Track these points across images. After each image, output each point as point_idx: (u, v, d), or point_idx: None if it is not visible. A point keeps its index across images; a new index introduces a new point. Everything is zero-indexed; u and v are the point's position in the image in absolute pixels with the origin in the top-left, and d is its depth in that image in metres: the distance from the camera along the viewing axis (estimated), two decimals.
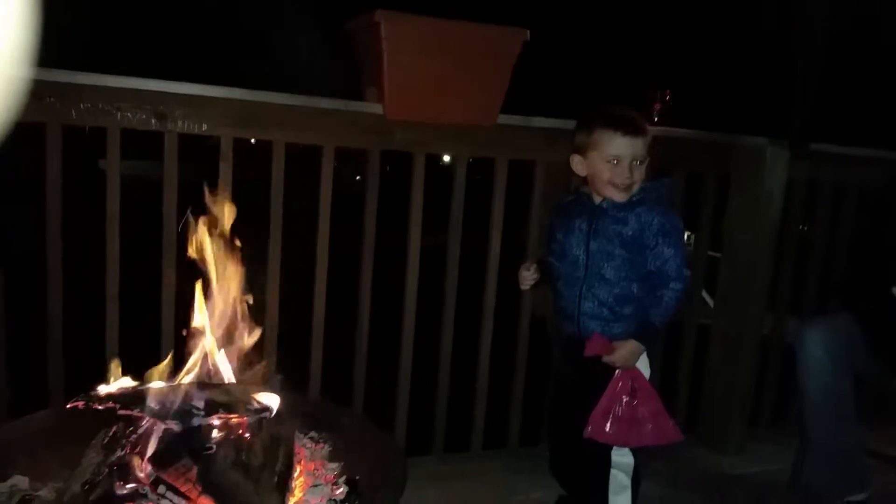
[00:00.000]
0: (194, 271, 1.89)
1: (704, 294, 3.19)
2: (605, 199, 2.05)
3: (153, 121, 2.22)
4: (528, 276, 2.17)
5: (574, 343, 2.07)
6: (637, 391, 2.01)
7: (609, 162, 2.01)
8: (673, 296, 1.98)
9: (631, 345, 1.99)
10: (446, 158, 2.71)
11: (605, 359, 2.00)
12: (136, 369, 1.74)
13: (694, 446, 2.92)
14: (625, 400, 2.00)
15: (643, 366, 2.06)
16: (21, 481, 1.59)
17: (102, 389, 1.58)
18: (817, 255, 3.21)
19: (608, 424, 1.99)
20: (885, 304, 2.44)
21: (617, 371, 2.01)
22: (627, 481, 2.06)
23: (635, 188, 2.02)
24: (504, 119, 2.55)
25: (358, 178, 2.57)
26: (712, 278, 3.10)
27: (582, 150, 2.06)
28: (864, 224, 3.18)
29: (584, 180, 2.12)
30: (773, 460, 2.87)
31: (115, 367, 1.70)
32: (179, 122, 2.24)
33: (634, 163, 1.99)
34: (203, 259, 1.85)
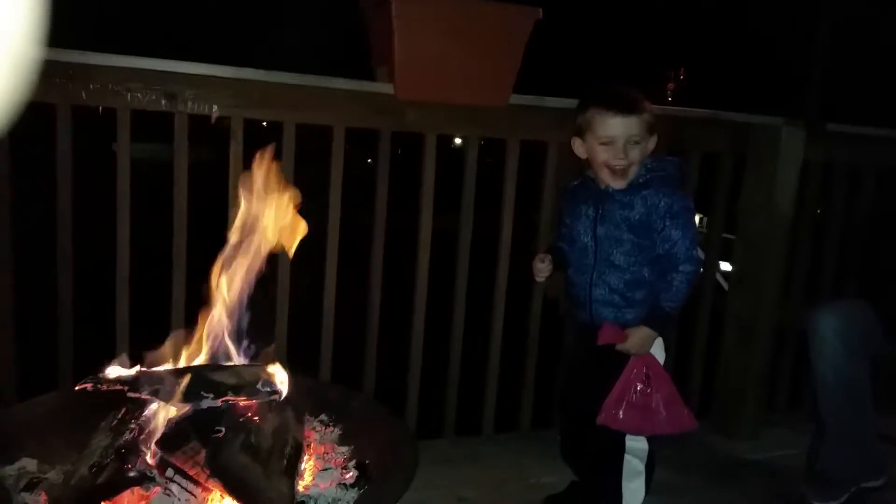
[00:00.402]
0: (206, 255, 1.88)
1: (719, 277, 3.15)
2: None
3: (163, 101, 2.20)
4: (542, 269, 2.12)
5: (587, 330, 2.04)
6: (651, 378, 1.98)
7: (603, 143, 1.96)
8: (684, 279, 1.94)
9: (642, 331, 1.96)
10: (458, 141, 2.67)
11: (619, 346, 1.97)
12: (147, 351, 1.73)
13: (708, 432, 2.89)
14: (639, 387, 1.97)
15: (658, 351, 2.03)
16: (29, 464, 1.60)
17: (111, 372, 1.57)
18: (833, 237, 3.16)
19: (621, 411, 1.97)
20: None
21: (631, 358, 1.99)
22: (641, 467, 2.04)
23: (633, 171, 1.96)
24: (516, 99, 2.51)
25: (369, 160, 2.54)
26: (727, 261, 3.06)
27: (580, 133, 2.02)
28: (881, 206, 3.13)
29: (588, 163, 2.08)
30: (788, 446, 2.84)
31: (124, 349, 1.70)
32: (189, 103, 2.22)
33: (630, 143, 1.94)
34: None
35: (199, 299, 1.82)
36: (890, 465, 2.51)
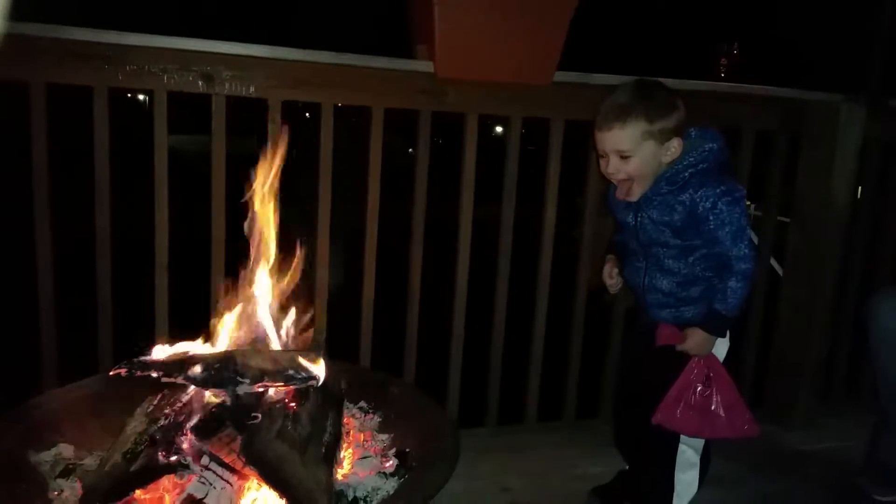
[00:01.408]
0: (244, 239, 1.84)
1: (773, 261, 3.04)
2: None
3: (200, 83, 2.17)
4: (614, 284, 2.05)
5: (647, 328, 1.98)
6: (712, 380, 1.90)
7: (600, 157, 1.88)
8: (739, 280, 1.82)
9: (698, 335, 1.87)
10: (499, 129, 2.60)
11: (679, 347, 1.90)
12: (185, 336, 1.70)
13: (762, 421, 2.75)
14: (698, 389, 1.89)
15: (721, 344, 1.94)
16: (66, 449, 1.58)
17: (147, 356, 1.54)
18: (893, 220, 3.02)
19: (678, 412, 1.89)
20: None
21: (692, 358, 1.90)
22: (696, 458, 1.96)
23: (643, 183, 1.85)
24: (561, 76, 2.42)
25: (410, 150, 2.48)
26: (781, 244, 2.95)
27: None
28: None
29: None
30: (844, 436, 2.76)
31: (163, 334, 1.67)
32: (227, 84, 2.19)
33: (620, 157, 1.82)
34: (257, 228, 1.80)
35: (238, 285, 1.79)
36: None
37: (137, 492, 1.40)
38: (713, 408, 1.90)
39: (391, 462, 1.65)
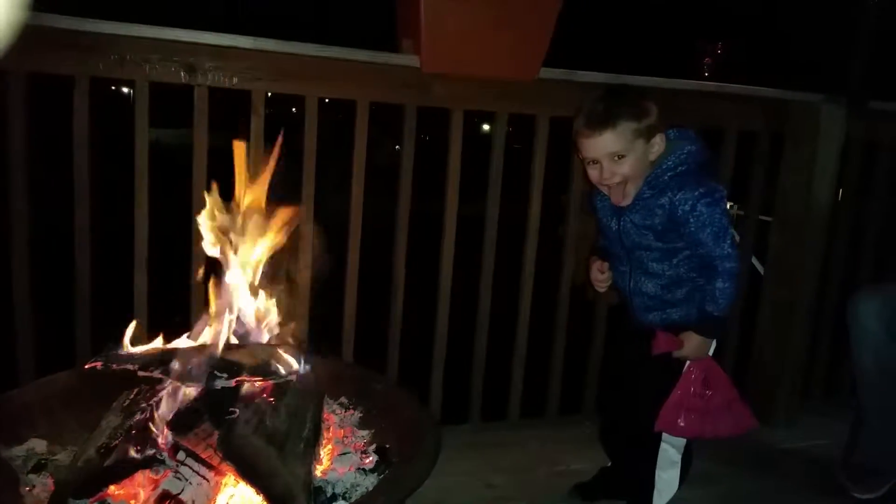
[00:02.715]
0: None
1: (754, 260, 3.05)
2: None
3: (182, 73, 2.14)
4: (603, 280, 2.05)
5: (638, 330, 1.98)
6: (710, 381, 1.91)
7: (589, 164, 1.87)
8: (725, 280, 1.82)
9: (695, 339, 1.87)
10: (486, 127, 2.59)
11: (675, 354, 1.89)
12: (164, 330, 1.68)
13: None
14: (698, 392, 1.90)
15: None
16: (38, 444, 1.56)
17: (123, 350, 1.52)
18: (874, 220, 3.04)
19: (681, 419, 1.89)
20: None
21: (688, 363, 1.91)
22: (678, 457, 1.96)
23: (635, 184, 1.85)
24: (546, 73, 2.42)
25: (398, 147, 2.47)
26: (763, 244, 2.96)
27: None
28: None
29: None
30: (825, 434, 2.77)
31: (139, 326, 1.64)
32: (210, 75, 2.16)
33: (613, 160, 1.82)
34: (234, 222, 1.78)
35: (217, 279, 1.77)
36: None
37: (111, 487, 1.38)
38: (715, 408, 1.90)
39: (371, 458, 1.64)
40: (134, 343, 1.56)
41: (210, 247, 1.72)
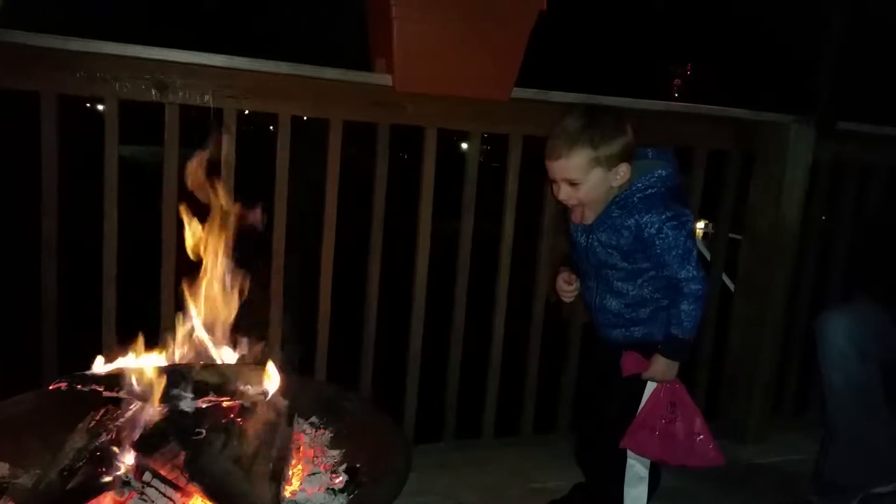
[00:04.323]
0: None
1: (725, 278, 3.08)
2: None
3: (153, 91, 2.13)
4: (569, 291, 2.05)
5: (607, 348, 2.00)
6: (677, 407, 1.92)
7: (552, 182, 1.91)
8: (690, 302, 1.83)
9: (660, 363, 1.89)
10: (465, 146, 2.60)
11: (644, 375, 1.91)
12: (132, 348, 1.66)
13: (714, 434, 2.81)
14: (663, 414, 1.91)
15: None
16: (0, 467, 1.52)
17: (89, 370, 1.50)
18: (842, 238, 3.08)
19: (644, 438, 1.91)
20: None
21: (656, 385, 1.92)
22: (645, 473, 1.97)
23: (595, 207, 1.88)
24: (519, 93, 2.44)
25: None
26: (733, 261, 2.99)
27: None
28: (893, 206, 3.05)
29: None
30: (795, 450, 2.79)
31: (111, 347, 1.63)
32: (180, 93, 2.15)
33: (569, 185, 1.85)
34: (202, 239, 1.77)
35: (185, 298, 1.76)
36: None
37: None
38: (677, 435, 1.91)
39: (341, 478, 1.62)
40: (100, 362, 1.54)
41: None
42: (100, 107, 2.19)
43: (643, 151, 1.90)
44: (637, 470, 1.96)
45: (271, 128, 2.36)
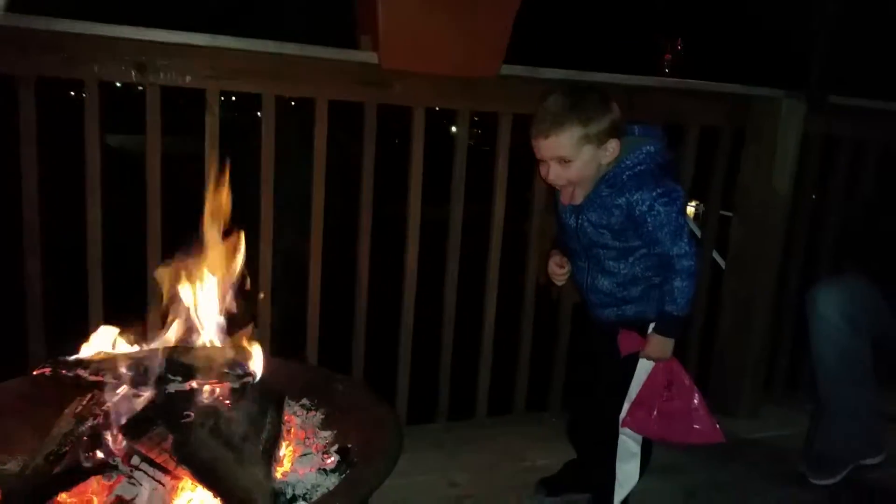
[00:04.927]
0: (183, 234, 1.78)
1: (716, 255, 3.08)
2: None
3: (133, 72, 2.09)
4: (560, 275, 2.04)
5: (601, 327, 1.99)
6: (673, 385, 1.91)
7: (540, 162, 1.88)
8: (683, 278, 1.82)
9: (656, 341, 1.88)
10: (454, 130, 2.57)
11: (641, 354, 1.91)
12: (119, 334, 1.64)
13: None
14: (660, 392, 1.91)
15: None
16: None
17: (75, 354, 1.48)
18: (834, 213, 3.08)
19: (642, 416, 1.91)
20: None
21: (654, 364, 1.91)
22: (637, 448, 1.97)
23: (585, 186, 1.86)
24: (507, 70, 2.41)
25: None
26: (725, 239, 2.99)
27: None
28: (884, 181, 3.05)
29: None
30: (786, 424, 2.83)
31: (92, 330, 1.60)
32: (161, 74, 2.12)
33: (560, 163, 1.82)
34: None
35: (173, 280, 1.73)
36: (889, 442, 2.48)
37: (63, 495, 1.34)
38: (675, 414, 1.91)
39: (332, 459, 1.61)
40: (86, 347, 1.52)
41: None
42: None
43: (630, 128, 1.88)
44: (629, 446, 1.97)
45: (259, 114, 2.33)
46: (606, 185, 1.84)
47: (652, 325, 1.90)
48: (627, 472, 1.98)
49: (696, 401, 1.93)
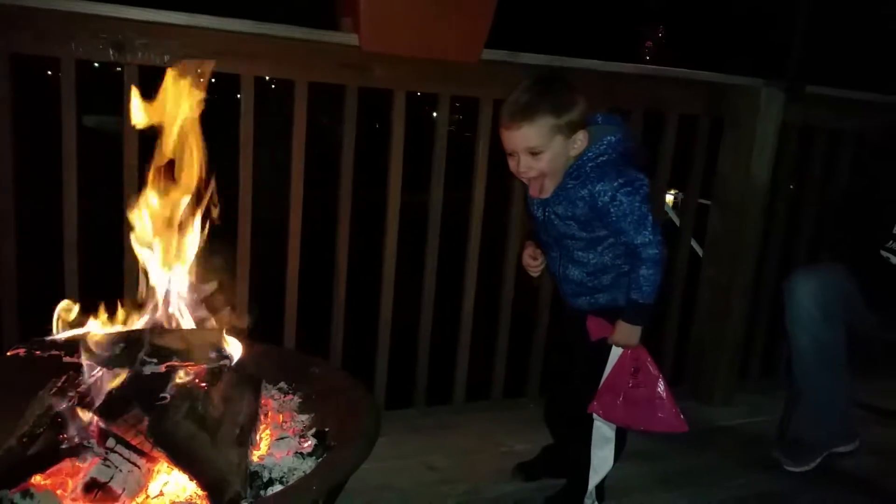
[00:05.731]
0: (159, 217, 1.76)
1: (693, 243, 3.10)
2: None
3: (110, 51, 2.06)
4: (535, 266, 2.04)
5: (574, 314, 1.99)
6: (639, 372, 1.92)
7: (508, 155, 1.86)
8: (649, 267, 1.82)
9: (622, 328, 1.88)
10: (435, 115, 2.55)
11: (609, 340, 1.91)
12: (90, 314, 1.62)
13: (682, 398, 2.80)
14: (627, 379, 1.91)
15: None
16: None
17: (49, 336, 1.46)
18: (811, 202, 3.11)
19: (609, 403, 1.91)
20: (875, 262, 2.37)
21: (621, 350, 1.92)
22: (611, 434, 1.98)
23: (554, 178, 1.84)
24: (489, 55, 2.40)
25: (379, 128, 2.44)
26: (702, 227, 3.01)
27: None
28: (860, 171, 3.08)
29: None
30: (761, 412, 2.85)
31: (66, 311, 1.58)
32: (139, 53, 2.08)
33: (529, 154, 1.80)
34: (166, 205, 1.73)
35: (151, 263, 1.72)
36: (861, 430, 2.51)
37: (36, 477, 1.33)
38: (639, 400, 1.91)
39: (309, 442, 1.61)
40: (61, 329, 1.50)
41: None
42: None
43: (593, 117, 1.87)
44: (603, 431, 1.98)
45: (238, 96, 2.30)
46: (571, 177, 1.83)
47: None
48: (602, 458, 1.99)
49: (661, 389, 1.94)
